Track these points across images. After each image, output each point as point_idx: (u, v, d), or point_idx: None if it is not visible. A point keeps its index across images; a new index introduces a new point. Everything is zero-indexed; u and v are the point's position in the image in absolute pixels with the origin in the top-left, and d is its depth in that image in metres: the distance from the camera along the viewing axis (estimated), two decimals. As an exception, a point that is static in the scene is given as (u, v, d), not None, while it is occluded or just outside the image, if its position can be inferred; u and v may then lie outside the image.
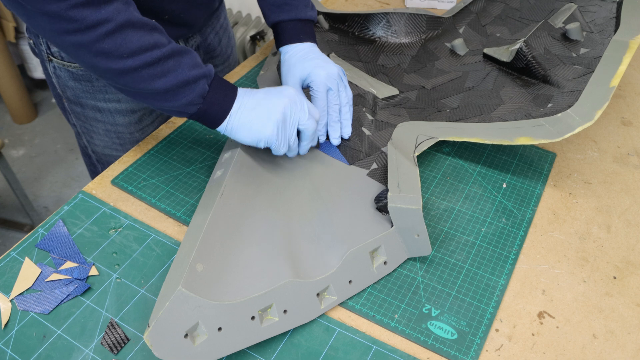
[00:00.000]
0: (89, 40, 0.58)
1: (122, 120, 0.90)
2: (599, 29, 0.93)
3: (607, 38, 0.90)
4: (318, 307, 0.60)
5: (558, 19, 0.95)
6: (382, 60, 0.97)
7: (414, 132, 0.76)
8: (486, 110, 0.82)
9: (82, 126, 0.92)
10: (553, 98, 0.80)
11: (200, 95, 0.64)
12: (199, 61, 0.65)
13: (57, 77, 0.86)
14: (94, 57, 0.59)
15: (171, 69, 0.62)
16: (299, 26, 0.81)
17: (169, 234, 0.69)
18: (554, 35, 0.90)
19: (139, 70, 0.60)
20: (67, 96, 0.88)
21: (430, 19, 1.00)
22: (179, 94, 0.63)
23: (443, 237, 0.69)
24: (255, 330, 0.55)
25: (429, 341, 0.58)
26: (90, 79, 0.84)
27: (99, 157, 0.97)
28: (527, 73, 0.87)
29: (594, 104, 0.72)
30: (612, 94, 0.73)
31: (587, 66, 0.85)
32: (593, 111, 0.71)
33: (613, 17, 0.95)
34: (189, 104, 0.64)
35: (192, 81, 0.63)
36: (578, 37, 0.91)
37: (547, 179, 0.77)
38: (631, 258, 0.67)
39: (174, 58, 0.62)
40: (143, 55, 0.60)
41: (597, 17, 0.97)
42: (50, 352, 0.57)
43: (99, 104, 0.87)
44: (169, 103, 0.64)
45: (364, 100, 0.84)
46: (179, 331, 0.51)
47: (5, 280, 0.63)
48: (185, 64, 0.63)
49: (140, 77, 0.61)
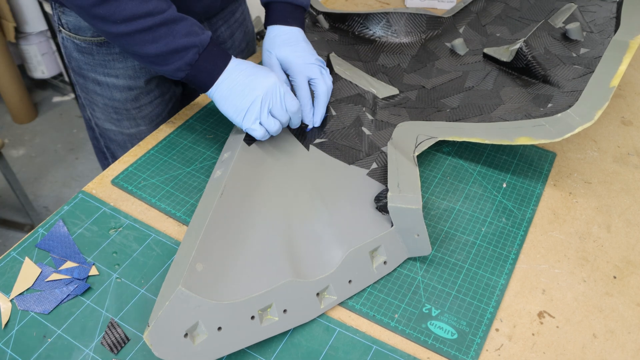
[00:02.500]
0: (87, 4, 0.64)
1: (119, 96, 0.91)
2: (599, 29, 0.93)
3: (607, 38, 0.90)
4: (318, 306, 0.60)
5: (558, 19, 0.95)
6: (382, 60, 0.97)
7: (414, 132, 0.76)
8: (486, 110, 0.82)
9: (85, 97, 0.95)
10: (553, 98, 0.80)
11: (188, 63, 0.68)
12: (194, 29, 0.69)
13: (65, 48, 0.89)
14: (92, 20, 0.66)
15: (162, 36, 0.66)
16: (288, 9, 0.81)
17: (169, 234, 0.69)
18: (554, 35, 0.90)
19: (132, 35, 0.66)
20: (72, 67, 0.91)
21: (431, 18, 1.00)
22: (168, 60, 0.68)
23: (443, 237, 0.69)
24: (255, 330, 0.55)
25: (429, 341, 0.58)
26: (92, 52, 0.86)
27: (101, 130, 0.99)
28: (527, 73, 0.87)
29: (594, 104, 0.72)
30: (612, 94, 0.73)
31: (587, 66, 0.84)
32: (593, 111, 0.70)
33: (613, 17, 0.95)
34: (178, 70, 0.69)
35: (181, 49, 0.67)
36: (578, 37, 0.90)
37: (547, 178, 0.77)
38: (631, 258, 0.67)
39: (167, 26, 0.66)
40: (135, 22, 0.65)
41: (597, 17, 0.96)
42: (50, 352, 0.57)
43: (98, 77, 0.89)
44: (159, 67, 0.69)
45: (364, 100, 0.84)
46: (179, 331, 0.51)
47: (5, 280, 0.63)
48: (178, 32, 0.67)
49: (133, 41, 0.67)
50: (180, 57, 0.68)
